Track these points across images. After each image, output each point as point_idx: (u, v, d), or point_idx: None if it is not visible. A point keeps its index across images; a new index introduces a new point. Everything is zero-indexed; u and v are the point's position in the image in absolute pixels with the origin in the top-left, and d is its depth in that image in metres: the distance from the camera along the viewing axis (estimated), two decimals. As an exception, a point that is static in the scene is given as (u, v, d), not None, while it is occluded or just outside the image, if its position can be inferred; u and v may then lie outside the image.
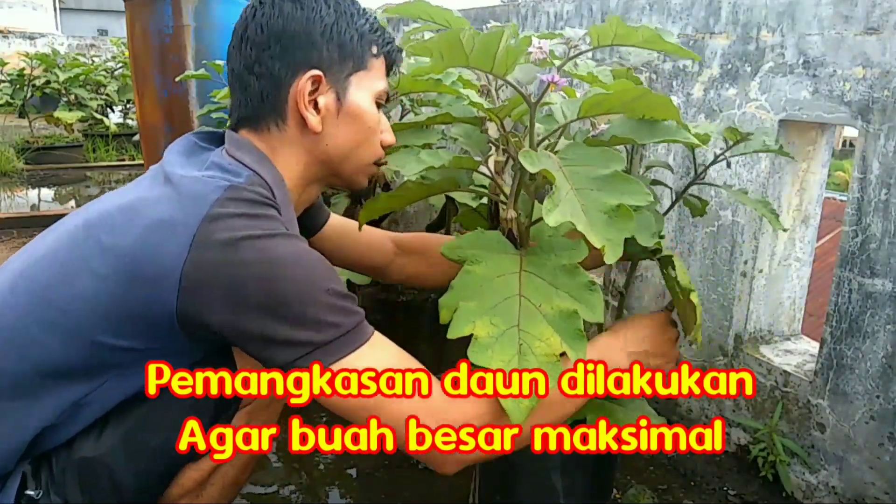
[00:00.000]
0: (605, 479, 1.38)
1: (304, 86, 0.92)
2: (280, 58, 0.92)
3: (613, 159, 0.96)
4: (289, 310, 0.80)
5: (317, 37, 0.93)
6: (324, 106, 0.95)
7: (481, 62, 0.98)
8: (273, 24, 0.92)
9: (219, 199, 0.81)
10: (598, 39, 1.00)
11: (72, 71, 6.17)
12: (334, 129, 0.97)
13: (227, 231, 0.79)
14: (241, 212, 0.82)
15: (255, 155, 0.93)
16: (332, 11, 0.94)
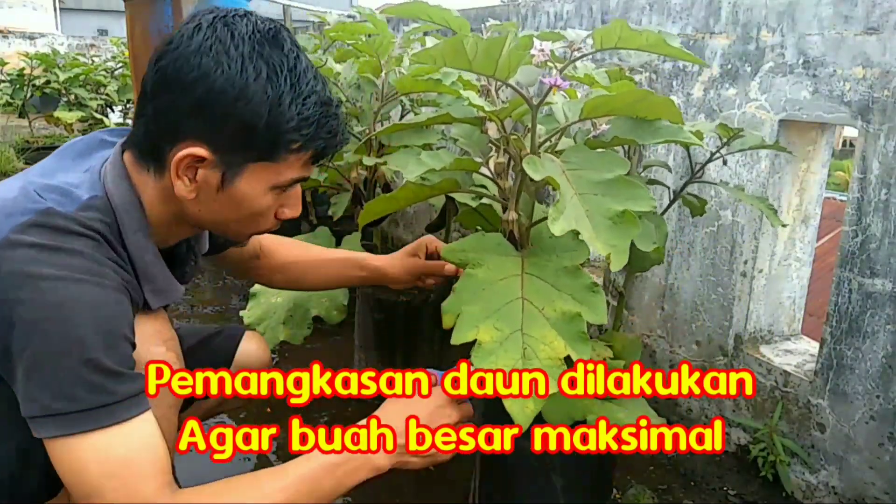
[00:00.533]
0: (604, 479, 1.38)
1: (183, 158, 0.82)
2: (175, 113, 0.81)
3: (617, 163, 0.96)
4: (36, 366, 0.75)
5: (222, 115, 0.80)
6: (202, 179, 0.84)
7: (484, 67, 0.99)
8: (185, 73, 0.79)
9: (22, 223, 0.77)
10: (601, 42, 1.00)
11: (72, 71, 6.17)
12: (209, 201, 0.87)
13: (15, 263, 0.75)
14: (38, 242, 0.77)
15: (117, 177, 0.86)
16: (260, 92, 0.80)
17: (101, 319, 0.78)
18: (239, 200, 0.87)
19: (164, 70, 0.81)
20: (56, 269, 0.76)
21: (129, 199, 0.86)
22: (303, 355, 2.27)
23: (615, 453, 1.37)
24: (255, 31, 0.82)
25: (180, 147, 0.82)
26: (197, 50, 0.80)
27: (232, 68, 0.79)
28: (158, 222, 0.91)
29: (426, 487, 1.59)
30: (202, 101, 0.80)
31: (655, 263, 1.32)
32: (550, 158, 1.01)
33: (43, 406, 0.75)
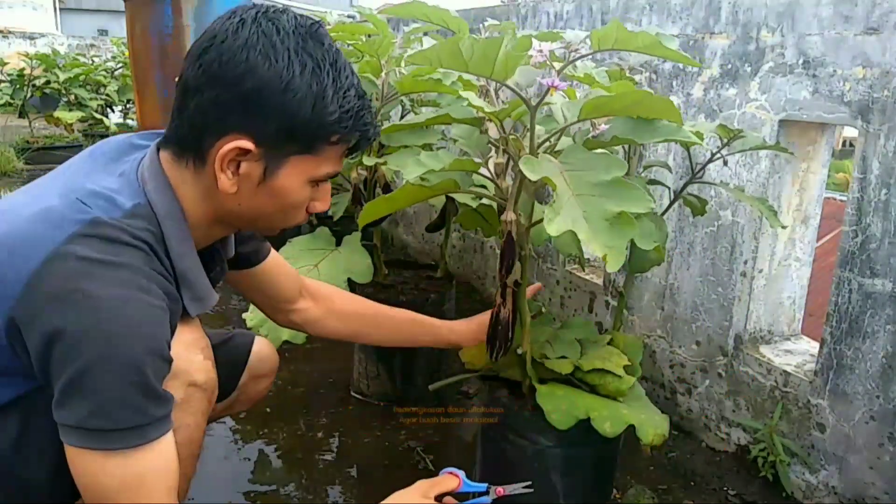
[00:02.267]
0: (604, 479, 1.38)
1: (228, 151, 0.82)
2: (220, 106, 0.81)
3: (615, 165, 0.96)
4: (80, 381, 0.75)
5: (269, 108, 0.81)
6: (245, 172, 0.85)
7: (481, 69, 0.99)
8: (232, 67, 0.80)
9: (71, 234, 0.78)
10: (598, 43, 1.00)
11: (72, 71, 6.17)
12: (250, 194, 0.87)
13: (62, 279, 0.76)
14: (89, 255, 0.77)
15: (158, 181, 0.86)
16: (303, 86, 0.81)
17: (149, 340, 0.78)
18: (278, 193, 0.88)
19: (209, 64, 0.81)
20: (108, 287, 0.76)
21: (172, 207, 0.87)
22: (303, 355, 2.27)
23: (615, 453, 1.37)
24: (298, 26, 0.83)
25: (226, 140, 0.82)
26: (244, 45, 0.80)
27: (279, 62, 0.80)
28: (197, 224, 0.91)
29: (426, 487, 1.59)
30: (250, 95, 0.80)
31: (655, 264, 1.32)
32: (548, 159, 1.01)
33: (79, 419, 0.76)
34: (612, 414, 1.17)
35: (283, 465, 1.68)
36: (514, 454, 1.28)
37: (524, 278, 1.22)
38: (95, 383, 0.75)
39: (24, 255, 0.78)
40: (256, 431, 1.81)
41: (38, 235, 0.79)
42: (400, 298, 1.90)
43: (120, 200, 0.83)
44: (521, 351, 1.26)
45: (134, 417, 0.77)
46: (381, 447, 1.75)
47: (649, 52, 1.04)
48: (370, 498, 1.56)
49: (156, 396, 0.79)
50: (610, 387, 1.25)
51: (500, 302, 1.22)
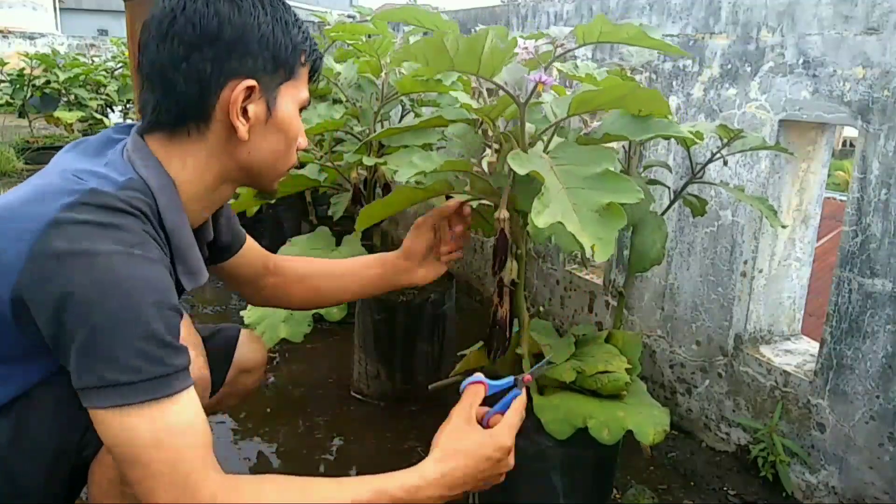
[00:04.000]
0: (604, 479, 1.38)
1: (238, 94, 0.87)
2: (213, 61, 0.86)
3: (605, 157, 0.96)
4: (95, 339, 0.76)
5: (253, 44, 0.88)
6: (253, 115, 0.90)
7: (466, 65, 0.98)
8: (207, 24, 0.85)
9: (69, 202, 0.79)
10: (583, 37, 1.00)
11: (72, 71, 6.17)
12: (260, 138, 0.93)
13: (65, 241, 0.77)
14: (89, 219, 0.79)
15: (148, 160, 0.89)
16: (269, 19, 0.89)
17: (156, 293, 0.80)
18: (281, 126, 0.93)
19: (183, 33, 0.85)
20: (110, 245, 0.78)
21: (165, 181, 0.89)
22: (303, 355, 2.27)
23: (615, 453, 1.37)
24: None
25: (228, 90, 0.87)
26: (206, 4, 0.86)
27: (243, 6, 0.87)
28: (192, 198, 0.94)
29: (426, 487, 1.59)
30: (234, 41, 0.86)
31: (655, 263, 1.32)
32: (538, 154, 1.01)
33: (101, 377, 0.76)
34: (610, 420, 1.17)
35: (283, 465, 1.68)
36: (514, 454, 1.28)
37: (521, 278, 1.22)
38: (112, 339, 0.76)
39: (21, 230, 0.78)
40: (256, 431, 1.81)
41: (35, 210, 0.80)
42: (400, 298, 1.90)
43: (112, 176, 0.85)
44: (520, 351, 1.26)
45: (155, 368, 0.78)
46: (381, 447, 1.75)
47: (634, 43, 1.04)
48: (370, 498, 1.56)
49: (173, 347, 0.80)
50: (610, 387, 1.25)
51: (498, 301, 1.22)
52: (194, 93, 0.87)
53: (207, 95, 0.87)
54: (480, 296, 2.82)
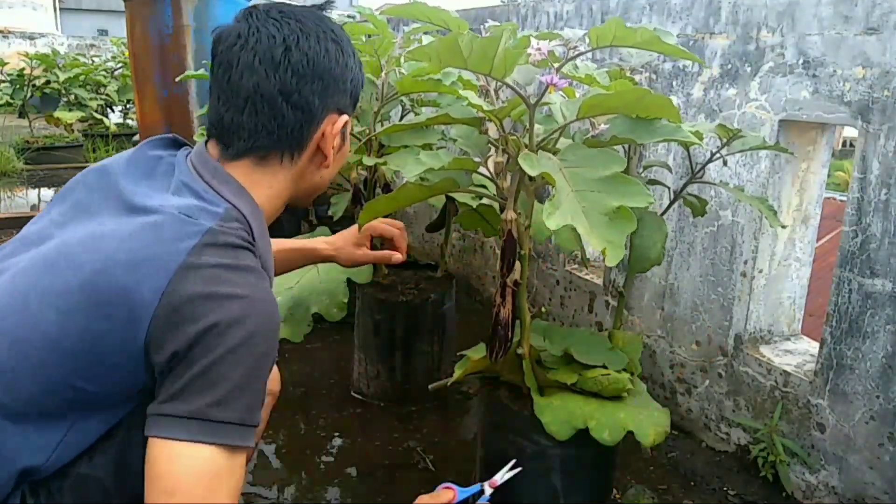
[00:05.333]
0: (604, 479, 1.38)
1: (337, 127, 0.94)
2: (320, 95, 0.91)
3: (613, 160, 0.97)
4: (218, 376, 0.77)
5: (348, 83, 0.95)
6: (336, 145, 0.97)
7: (479, 65, 0.99)
8: (319, 61, 0.91)
9: (196, 245, 0.79)
10: (597, 41, 1.00)
11: (72, 71, 6.17)
12: (334, 165, 0.99)
13: (201, 285, 0.78)
14: (221, 262, 0.80)
15: (233, 186, 0.90)
16: (356, 62, 0.97)
17: (273, 341, 0.83)
18: (344, 154, 1.02)
19: (297, 66, 0.89)
20: (242, 289, 0.80)
21: (255, 208, 0.92)
22: (303, 355, 2.27)
23: (615, 453, 1.37)
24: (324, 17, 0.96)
25: (329, 121, 0.93)
26: (317, 41, 0.91)
27: (345, 50, 0.94)
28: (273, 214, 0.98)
29: (426, 488, 1.59)
30: (336, 78, 0.93)
31: (656, 264, 1.32)
32: (547, 156, 1.01)
33: (197, 409, 0.76)
34: (611, 421, 1.17)
35: (283, 465, 1.68)
36: (515, 454, 1.28)
37: (524, 278, 1.22)
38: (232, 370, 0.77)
39: (150, 274, 0.78)
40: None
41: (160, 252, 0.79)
42: (400, 298, 1.90)
43: (210, 208, 0.85)
44: (521, 352, 1.26)
45: (246, 415, 0.79)
46: (381, 447, 1.75)
47: (648, 48, 1.05)
48: (370, 498, 1.56)
49: (262, 400, 0.82)
50: (611, 389, 1.25)
51: (500, 302, 1.22)
52: (300, 122, 0.91)
53: (310, 126, 0.92)
54: (480, 296, 2.82)
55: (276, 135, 0.91)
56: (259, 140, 0.91)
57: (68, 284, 0.79)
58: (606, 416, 1.19)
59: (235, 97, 0.89)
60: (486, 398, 1.37)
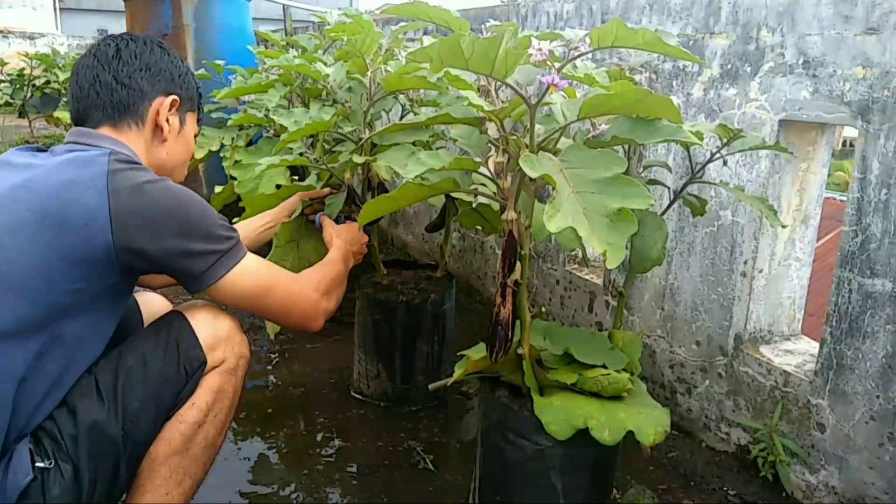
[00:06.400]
0: (604, 479, 1.38)
1: (166, 104, 1.19)
2: (148, 79, 1.17)
3: (614, 162, 0.96)
4: (199, 230, 1.06)
5: (175, 77, 1.21)
6: (172, 124, 1.21)
7: (481, 66, 0.99)
8: (146, 57, 1.18)
9: (109, 160, 1.03)
10: (598, 41, 1.00)
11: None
12: (174, 143, 1.22)
13: (131, 179, 1.02)
14: (130, 167, 1.04)
15: (109, 140, 1.12)
16: (184, 66, 1.25)
17: (189, 191, 1.09)
18: (187, 141, 1.26)
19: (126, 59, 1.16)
20: (158, 178, 1.06)
21: (131, 152, 1.13)
22: (303, 355, 2.27)
23: (615, 453, 1.37)
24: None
25: (160, 101, 1.18)
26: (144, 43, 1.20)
27: (170, 53, 1.23)
28: None
29: (426, 488, 1.59)
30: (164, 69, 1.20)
31: (656, 264, 1.32)
32: (548, 157, 1.01)
33: (217, 252, 1.08)
34: (611, 420, 1.17)
35: (283, 465, 1.68)
36: (514, 454, 1.28)
37: (524, 278, 1.21)
38: (209, 225, 1.07)
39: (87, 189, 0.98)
40: (256, 431, 1.81)
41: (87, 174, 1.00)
42: (400, 298, 1.90)
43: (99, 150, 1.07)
44: (521, 352, 1.26)
45: (234, 236, 1.12)
46: (381, 447, 1.75)
47: (650, 49, 1.04)
48: (370, 498, 1.56)
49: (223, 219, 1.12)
50: (611, 389, 1.25)
51: (500, 302, 1.22)
52: (134, 98, 1.16)
53: (143, 100, 1.17)
54: (480, 296, 2.82)
55: (116, 109, 1.14)
56: (106, 112, 1.14)
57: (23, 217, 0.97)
58: (606, 416, 1.19)
59: (82, 90, 1.14)
60: (486, 398, 1.37)
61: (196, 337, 1.11)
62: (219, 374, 1.13)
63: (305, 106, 2.00)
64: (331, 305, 1.30)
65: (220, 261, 1.08)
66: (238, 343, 1.17)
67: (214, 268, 1.07)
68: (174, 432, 1.08)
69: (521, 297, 1.23)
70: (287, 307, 1.20)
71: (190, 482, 1.11)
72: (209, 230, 1.07)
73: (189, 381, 1.10)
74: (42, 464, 0.97)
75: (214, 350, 1.12)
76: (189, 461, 1.10)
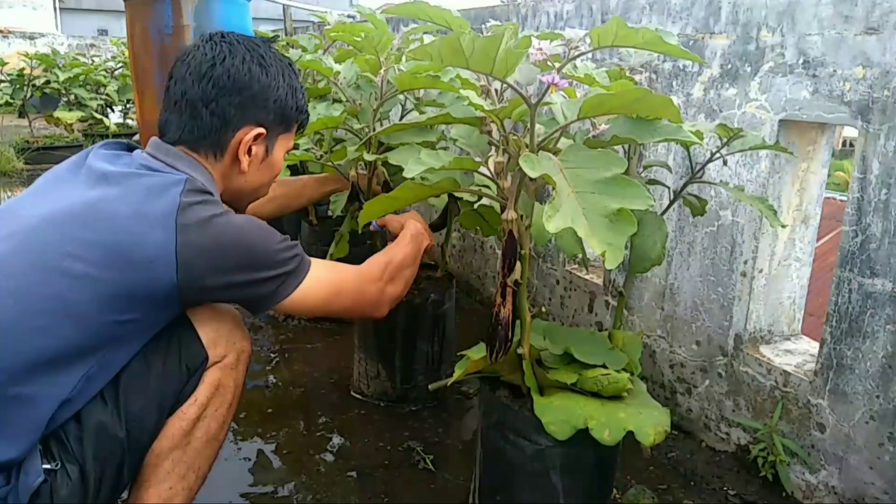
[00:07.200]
0: (604, 480, 1.38)
1: (249, 137, 1.13)
2: (237, 107, 1.11)
3: (614, 162, 0.96)
4: (263, 259, 1.07)
5: (270, 102, 1.13)
6: (255, 154, 1.16)
7: (481, 65, 0.99)
8: (240, 78, 1.10)
9: (182, 190, 1.01)
10: (598, 41, 1.00)
11: (72, 71, 6.16)
12: (255, 171, 1.18)
13: (199, 214, 1.00)
14: (201, 199, 1.02)
15: (187, 161, 1.10)
16: (285, 84, 1.15)
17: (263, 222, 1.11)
18: (272, 165, 1.21)
19: (218, 79, 1.09)
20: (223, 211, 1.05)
21: (209, 179, 1.13)
22: (303, 355, 2.27)
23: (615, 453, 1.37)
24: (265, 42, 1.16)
25: (244, 132, 1.12)
26: (243, 61, 1.11)
27: (271, 70, 1.13)
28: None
29: (426, 488, 1.59)
30: (257, 95, 1.12)
31: (656, 264, 1.32)
32: (548, 157, 1.01)
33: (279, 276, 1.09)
34: (611, 420, 1.17)
35: (283, 465, 1.68)
36: (514, 454, 1.28)
37: (524, 278, 1.21)
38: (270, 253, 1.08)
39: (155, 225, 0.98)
40: (256, 431, 1.81)
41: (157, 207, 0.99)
42: (400, 298, 1.89)
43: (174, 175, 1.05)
44: (521, 352, 1.26)
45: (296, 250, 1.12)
46: (381, 447, 1.75)
47: (650, 48, 1.04)
48: (370, 498, 1.56)
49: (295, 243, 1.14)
50: (611, 389, 1.25)
51: (500, 302, 1.22)
52: (217, 127, 1.11)
53: (226, 131, 1.11)
54: (480, 296, 2.82)
55: (196, 133, 1.10)
56: (184, 135, 1.11)
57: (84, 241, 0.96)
58: (606, 416, 1.18)
59: (170, 101, 1.12)
60: (486, 398, 1.37)
61: (197, 334, 1.11)
62: (220, 370, 1.13)
63: (305, 105, 2.00)
64: (397, 289, 1.31)
65: (285, 282, 1.10)
66: (240, 338, 1.17)
67: (280, 290, 1.09)
68: (176, 428, 1.08)
69: (521, 297, 1.23)
70: (352, 305, 1.23)
71: (193, 476, 1.12)
72: (273, 256, 1.08)
73: (191, 378, 1.09)
74: (49, 465, 0.97)
75: (216, 346, 1.12)
76: (192, 455, 1.10)
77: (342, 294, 1.20)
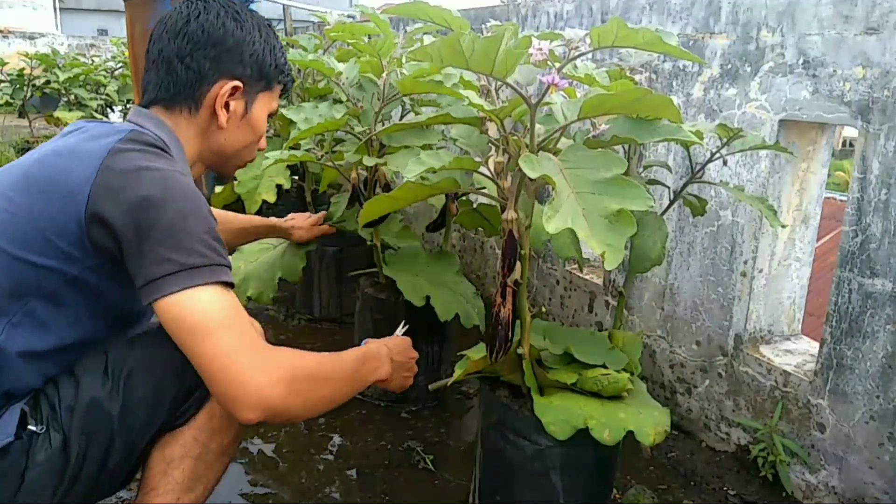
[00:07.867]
0: (604, 479, 1.38)
1: (225, 90, 1.10)
2: (212, 60, 1.08)
3: (614, 162, 0.96)
4: (172, 232, 0.92)
5: (246, 56, 1.11)
6: (233, 110, 1.12)
7: (481, 65, 0.99)
8: (214, 32, 1.09)
9: (122, 138, 0.98)
10: (598, 41, 1.00)
11: (72, 71, 6.17)
12: (235, 129, 1.14)
13: (128, 160, 0.95)
14: (140, 149, 0.98)
15: (155, 121, 1.08)
16: (262, 40, 1.13)
17: (204, 202, 0.99)
18: (253, 124, 1.16)
19: (193, 34, 1.08)
20: (166, 165, 0.98)
21: (175, 140, 1.09)
22: (303, 355, 2.27)
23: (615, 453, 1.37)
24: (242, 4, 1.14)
25: (220, 84, 1.09)
26: (217, 16, 1.09)
27: (245, 26, 1.11)
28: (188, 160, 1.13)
29: (426, 488, 1.59)
30: (232, 48, 1.09)
31: (656, 264, 1.32)
32: (548, 157, 1.01)
33: (176, 262, 0.91)
34: (611, 420, 1.17)
35: (283, 465, 1.68)
36: (514, 454, 1.28)
37: (524, 278, 1.22)
38: (184, 231, 0.93)
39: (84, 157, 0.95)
40: (256, 431, 1.81)
41: (92, 145, 0.97)
42: (400, 298, 1.89)
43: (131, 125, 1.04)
44: (521, 352, 1.26)
45: (217, 257, 0.95)
46: (381, 447, 1.75)
47: (650, 49, 1.04)
48: (370, 498, 1.56)
49: (223, 246, 0.98)
50: (611, 389, 1.25)
51: (500, 302, 1.22)
52: (192, 81, 1.08)
53: (202, 85, 1.09)
54: (480, 296, 2.81)
55: (172, 90, 1.09)
56: (160, 93, 1.09)
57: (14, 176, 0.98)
58: (606, 416, 1.19)
59: (149, 62, 1.10)
60: (486, 398, 1.37)
61: None
62: None
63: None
64: (288, 403, 0.93)
65: (177, 275, 0.90)
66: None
67: (167, 279, 0.90)
68: (189, 437, 1.06)
69: (521, 297, 1.23)
70: (214, 369, 0.91)
71: (201, 489, 1.09)
72: (185, 239, 0.92)
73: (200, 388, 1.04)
74: (34, 427, 0.96)
75: None
76: (202, 468, 1.08)
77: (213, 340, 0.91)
